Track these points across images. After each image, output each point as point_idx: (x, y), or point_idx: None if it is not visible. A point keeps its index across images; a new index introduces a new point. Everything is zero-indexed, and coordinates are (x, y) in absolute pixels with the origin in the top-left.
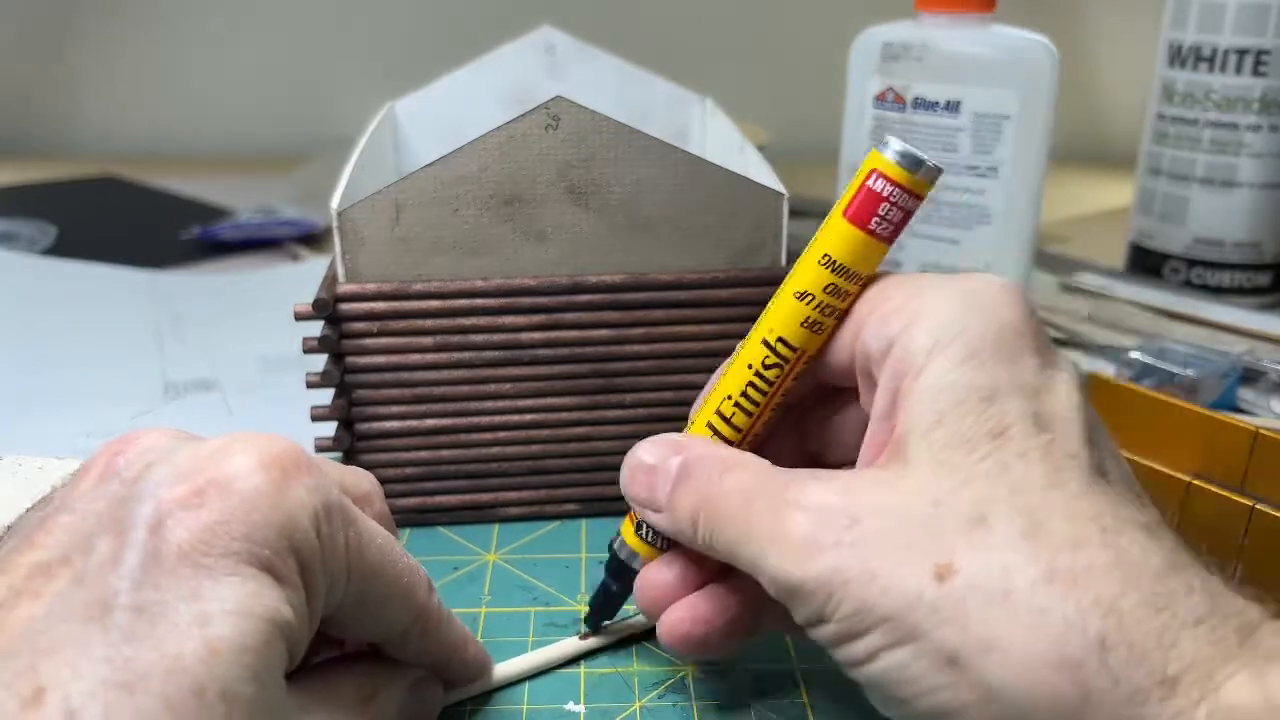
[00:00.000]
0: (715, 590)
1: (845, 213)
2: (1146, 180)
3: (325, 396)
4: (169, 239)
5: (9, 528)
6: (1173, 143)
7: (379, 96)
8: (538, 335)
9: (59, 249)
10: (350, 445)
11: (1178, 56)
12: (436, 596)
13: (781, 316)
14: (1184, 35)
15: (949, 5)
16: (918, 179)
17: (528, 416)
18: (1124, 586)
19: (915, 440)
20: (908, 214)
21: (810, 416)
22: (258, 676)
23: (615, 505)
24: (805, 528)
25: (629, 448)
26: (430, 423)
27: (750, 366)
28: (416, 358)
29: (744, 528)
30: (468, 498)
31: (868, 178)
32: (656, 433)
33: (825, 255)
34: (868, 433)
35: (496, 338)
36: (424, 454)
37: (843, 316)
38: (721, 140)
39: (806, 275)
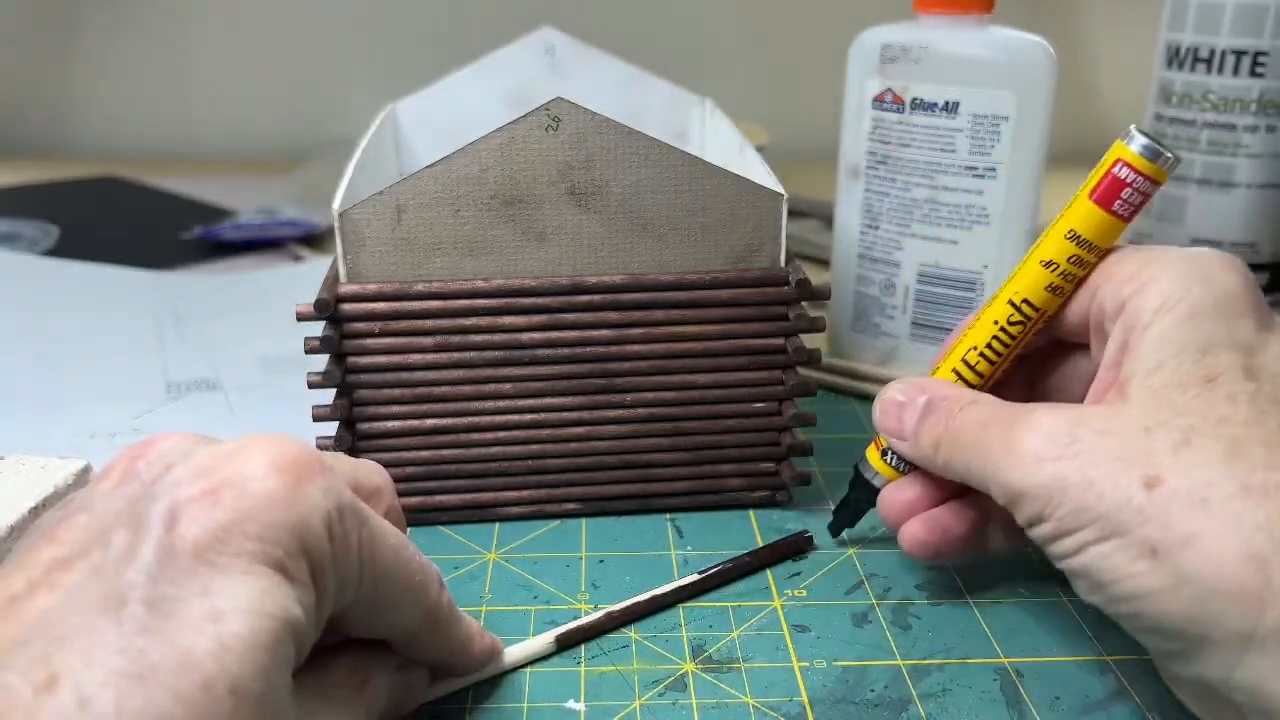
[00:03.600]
0: (951, 506)
1: (1091, 195)
2: None
3: (326, 396)
4: (170, 239)
5: (12, 528)
6: (1170, 143)
7: (380, 97)
8: (538, 335)
9: (61, 249)
10: (351, 445)
11: (1175, 57)
12: (447, 595)
13: (1027, 281)
14: (1182, 36)
15: (947, 7)
16: (1158, 168)
17: (528, 416)
18: None
19: (1137, 382)
20: (1146, 197)
21: (1041, 367)
22: (266, 673)
23: (615, 505)
24: (1034, 443)
25: (629, 448)
26: (431, 422)
27: (996, 323)
28: (417, 358)
29: (979, 449)
30: (468, 497)
31: (1113, 165)
32: (657, 432)
33: (1071, 230)
34: (1096, 378)
35: (497, 338)
36: (425, 454)
37: (1080, 282)
38: (721, 140)
39: (1053, 247)
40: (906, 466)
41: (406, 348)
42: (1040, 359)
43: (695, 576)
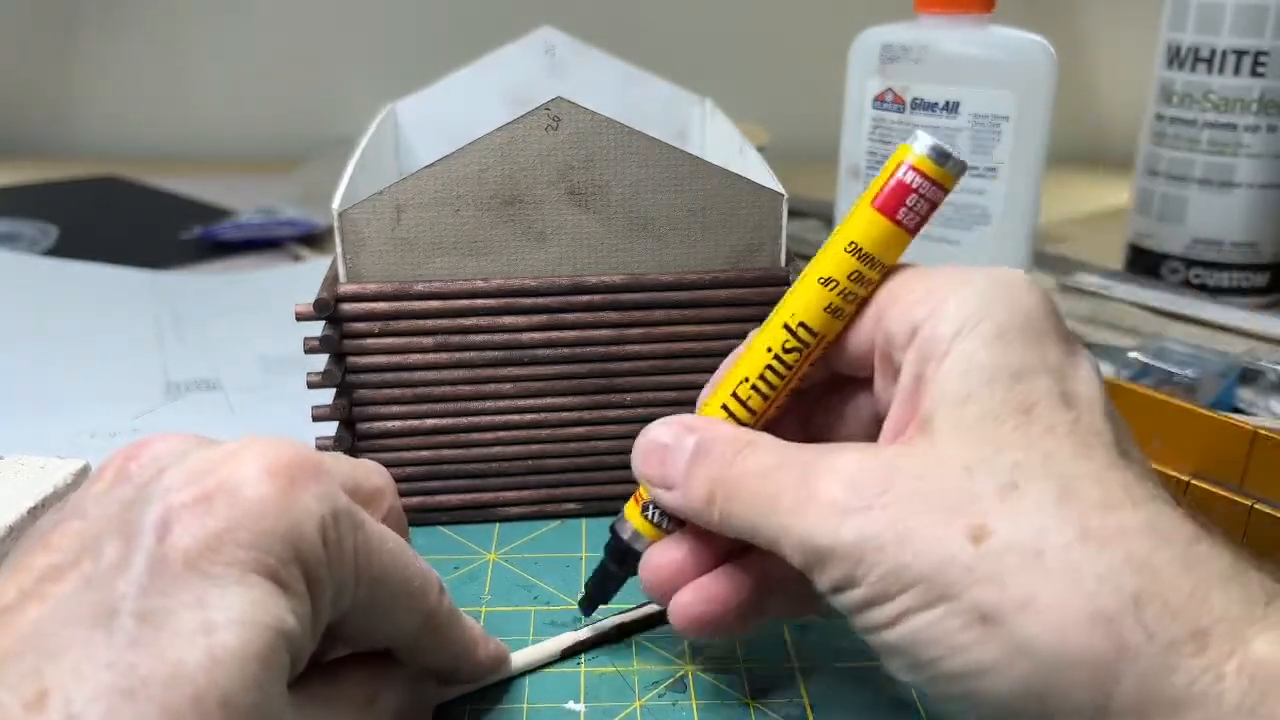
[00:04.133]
0: (726, 571)
1: (874, 202)
2: (1145, 181)
3: (326, 396)
4: (170, 239)
5: (11, 528)
6: (1171, 143)
7: (380, 97)
8: (538, 335)
9: (60, 249)
10: (351, 445)
11: (1176, 57)
12: (447, 599)
13: (804, 301)
14: (1182, 36)
15: (948, 6)
16: (945, 172)
17: (528, 416)
18: (1156, 545)
19: (942, 416)
20: (934, 206)
21: (818, 404)
22: (259, 685)
23: (615, 505)
24: (837, 492)
25: (629, 448)
26: (431, 422)
27: (770, 350)
28: (417, 358)
29: (766, 500)
30: (468, 497)
31: (897, 169)
32: None
33: (852, 243)
34: (890, 415)
35: (497, 338)
36: (425, 454)
37: (863, 303)
38: (721, 140)
39: (832, 261)
40: (672, 524)
41: (406, 347)
42: (816, 395)
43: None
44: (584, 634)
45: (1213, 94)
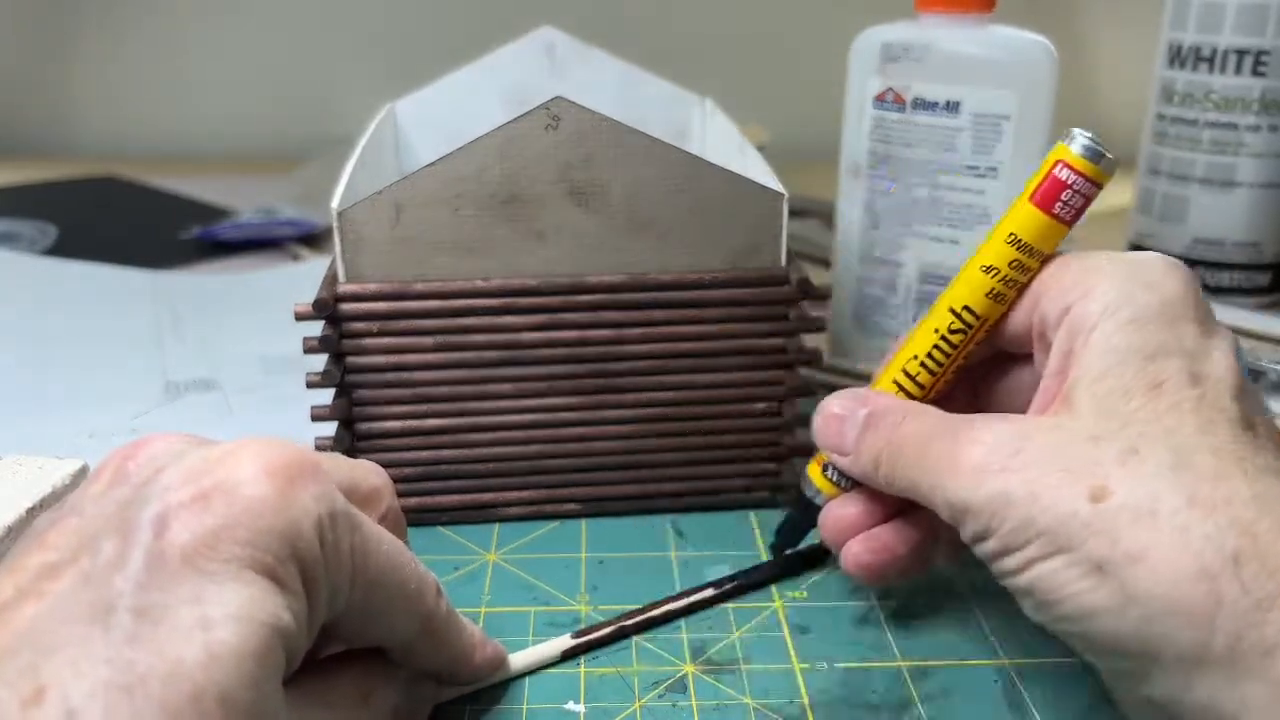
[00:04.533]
0: (892, 525)
1: (1032, 198)
2: (1146, 180)
3: (326, 396)
4: (169, 239)
5: (10, 528)
6: (1172, 143)
7: (379, 96)
8: (538, 335)
9: (59, 249)
10: (350, 445)
11: (1177, 57)
12: (445, 602)
13: (968, 288)
14: (1184, 35)
15: (948, 6)
16: (1099, 170)
17: (528, 416)
18: (1260, 513)
19: (1081, 390)
20: (1088, 200)
21: (984, 379)
22: (256, 682)
23: (615, 505)
24: (977, 455)
25: (629, 448)
26: (430, 423)
27: (936, 331)
28: (417, 358)
29: (922, 463)
30: (468, 497)
31: (1054, 167)
32: (657, 433)
33: (1012, 234)
34: (1040, 388)
35: (497, 338)
36: (424, 454)
37: (1023, 289)
38: (721, 140)
39: (993, 251)
40: (848, 483)
41: (406, 347)
42: (983, 370)
43: (711, 592)
44: (578, 639)
45: (1214, 93)
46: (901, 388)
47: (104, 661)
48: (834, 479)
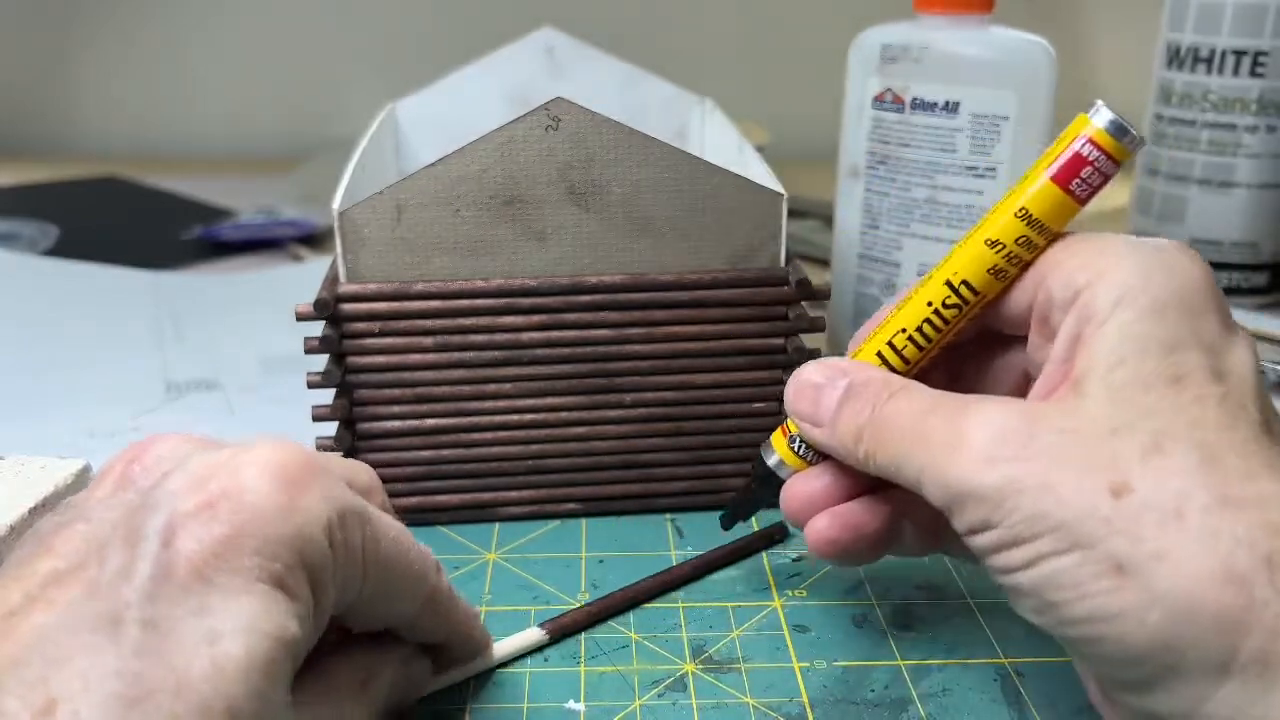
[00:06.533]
0: (860, 501)
1: (1048, 171)
2: (1144, 180)
3: (326, 396)
4: (171, 239)
5: (12, 528)
6: (1171, 143)
7: (380, 97)
8: (538, 335)
9: (61, 249)
10: (351, 445)
11: (1176, 57)
12: (445, 578)
13: (968, 261)
14: (1182, 36)
15: (947, 6)
16: (1122, 147)
17: (528, 416)
18: None
19: (1094, 379)
20: (1107, 179)
21: (969, 359)
22: (262, 694)
23: (615, 505)
24: (985, 438)
25: (629, 448)
26: (431, 422)
27: (930, 304)
28: (417, 358)
29: (913, 441)
30: (468, 497)
31: (1074, 141)
32: (657, 432)
33: (1023, 209)
34: (1043, 373)
35: (497, 338)
36: (425, 453)
37: (1026, 267)
38: (721, 140)
39: (1000, 225)
40: (816, 457)
41: (406, 347)
42: (968, 350)
43: (670, 575)
44: (545, 632)
45: (1212, 94)
46: (885, 361)
47: (113, 674)
48: (800, 451)
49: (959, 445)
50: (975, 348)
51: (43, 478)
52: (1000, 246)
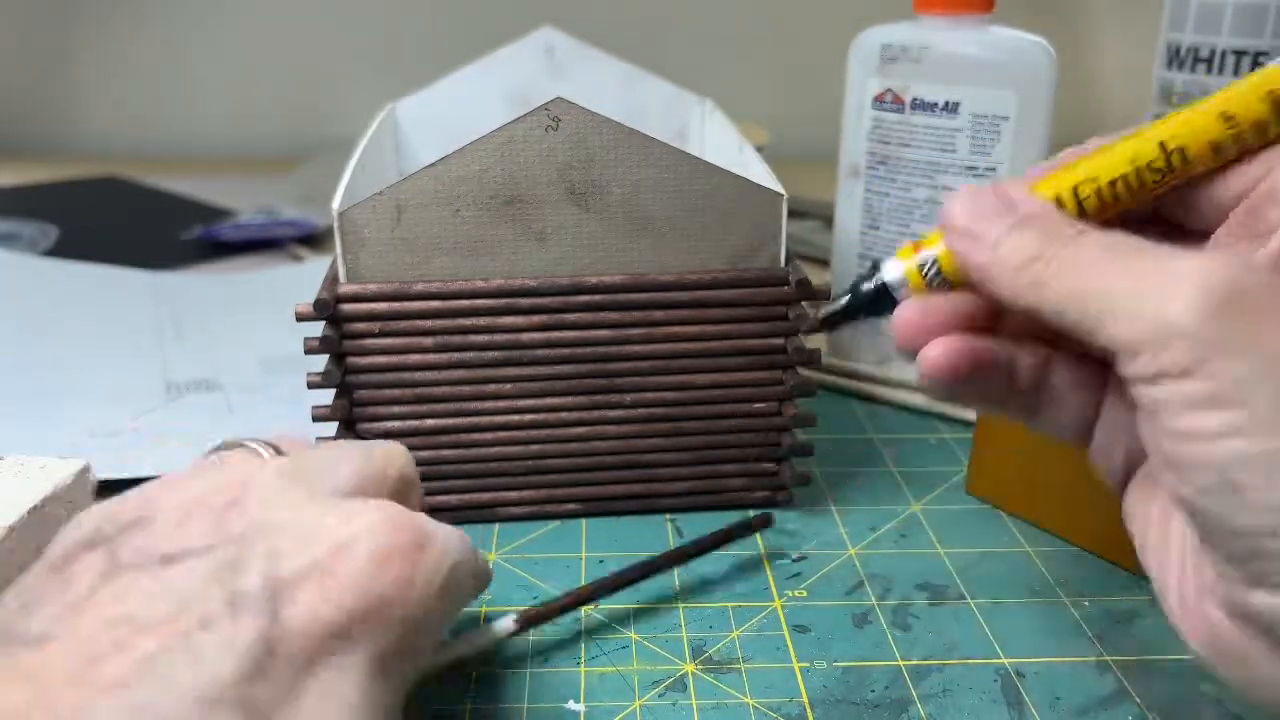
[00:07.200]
0: (989, 338)
1: None
2: None
3: (326, 396)
4: (171, 239)
5: (11, 528)
6: None
7: (380, 97)
8: (538, 335)
9: (61, 249)
10: None
11: (1176, 57)
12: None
13: (1193, 129)
14: (1182, 36)
15: (947, 7)
16: None
17: (528, 416)
18: None
19: None
20: None
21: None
22: None
23: (615, 505)
24: (1214, 279)
25: (629, 448)
26: (431, 423)
27: (1133, 162)
28: (417, 358)
29: (1105, 274)
30: (468, 497)
31: None
32: (657, 432)
33: (1271, 92)
34: (1257, 257)
35: (497, 338)
36: (424, 454)
37: (1246, 154)
38: (721, 140)
39: (1241, 102)
40: (945, 286)
41: (406, 348)
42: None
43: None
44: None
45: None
46: (1062, 206)
47: None
48: (929, 275)
49: (1178, 282)
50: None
51: (43, 478)
52: (1235, 123)
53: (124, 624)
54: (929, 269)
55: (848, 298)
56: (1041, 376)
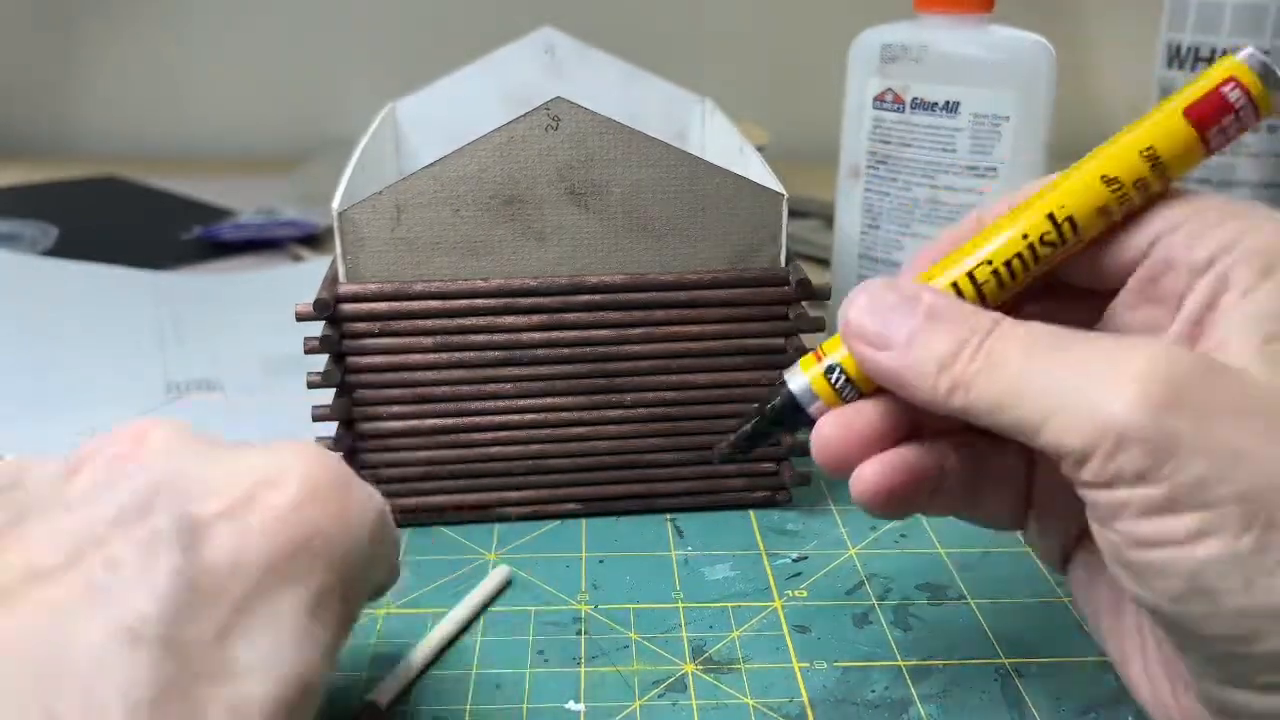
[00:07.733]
0: (917, 445)
1: (1187, 111)
2: None
3: (326, 396)
4: (171, 239)
5: None
6: None
7: (380, 97)
8: (538, 335)
9: (61, 249)
10: (351, 445)
11: (1176, 57)
12: None
13: (1079, 196)
14: (1182, 36)
15: (948, 6)
16: (1269, 97)
17: (528, 416)
18: None
19: (1246, 351)
20: (1241, 132)
21: (1022, 315)
22: None
23: (615, 505)
24: (1158, 374)
25: (629, 448)
26: (431, 423)
27: (1025, 237)
28: (417, 358)
29: (1038, 375)
30: (468, 497)
31: (1222, 84)
32: (657, 432)
33: (1150, 148)
34: (1171, 335)
35: (497, 338)
36: (425, 454)
37: (1130, 215)
38: (721, 140)
39: (1121, 162)
40: (855, 394)
41: (406, 348)
42: (1021, 305)
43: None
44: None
45: None
46: (961, 294)
47: (130, 707)
48: (838, 384)
49: (1117, 379)
50: (1029, 302)
51: None
52: (1118, 186)
53: (22, 575)
54: (836, 377)
55: (754, 421)
56: (973, 473)
